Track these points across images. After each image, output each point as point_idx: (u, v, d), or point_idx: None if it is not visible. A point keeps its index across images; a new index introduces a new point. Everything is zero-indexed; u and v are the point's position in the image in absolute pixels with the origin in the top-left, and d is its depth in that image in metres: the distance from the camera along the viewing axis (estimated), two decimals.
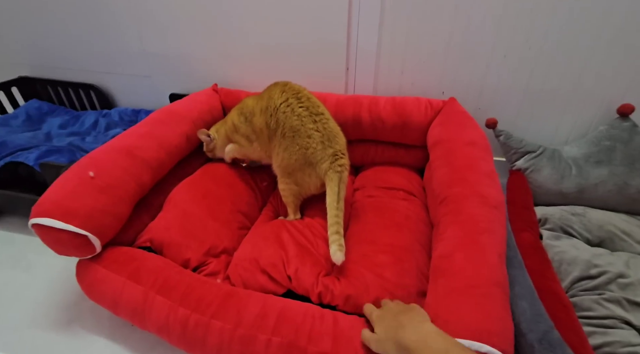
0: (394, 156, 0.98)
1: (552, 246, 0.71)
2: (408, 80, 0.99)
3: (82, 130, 1.12)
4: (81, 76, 1.21)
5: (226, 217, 0.78)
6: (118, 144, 0.74)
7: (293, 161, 0.72)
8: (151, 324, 0.58)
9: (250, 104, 0.80)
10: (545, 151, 0.88)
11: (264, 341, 0.51)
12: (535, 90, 0.91)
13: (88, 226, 0.59)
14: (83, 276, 0.63)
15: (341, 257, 0.61)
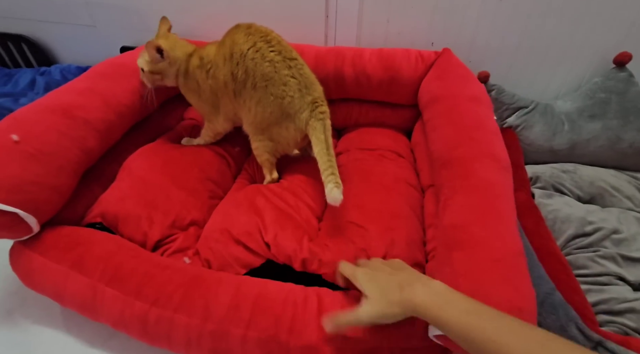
0: (379, 116, 0.90)
1: (544, 205, 0.68)
2: (394, 29, 0.89)
3: (16, 91, 0.95)
4: (8, 26, 1.01)
5: (193, 185, 0.68)
6: (50, 103, 0.61)
7: (268, 114, 0.63)
8: (105, 319, 0.50)
9: (210, 53, 0.66)
10: (538, 106, 0.83)
11: (239, 336, 0.45)
12: (529, 41, 0.85)
13: (16, 201, 0.48)
14: (17, 263, 0.53)
15: (339, 196, 0.54)
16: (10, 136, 0.52)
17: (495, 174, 0.50)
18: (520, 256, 0.42)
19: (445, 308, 0.35)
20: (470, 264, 0.42)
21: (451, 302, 0.36)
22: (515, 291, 0.39)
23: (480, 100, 0.64)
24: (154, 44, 0.64)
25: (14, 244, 0.54)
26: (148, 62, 0.67)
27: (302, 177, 0.72)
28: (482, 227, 0.44)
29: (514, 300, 0.38)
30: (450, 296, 0.37)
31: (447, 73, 0.74)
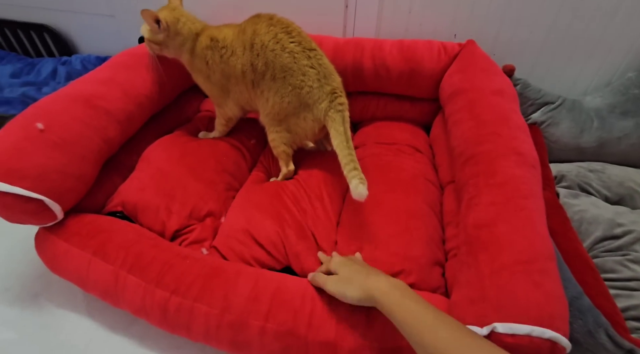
0: (398, 110, 0.88)
1: (570, 205, 0.65)
2: (416, 20, 0.86)
3: (39, 80, 0.97)
4: (31, 15, 1.02)
5: (210, 177, 0.68)
6: (73, 92, 0.62)
7: (286, 104, 0.62)
8: (126, 306, 0.51)
9: (228, 36, 0.64)
10: (565, 102, 0.80)
11: (257, 328, 0.45)
12: (558, 34, 0.80)
13: (42, 188, 0.50)
14: (43, 248, 0.55)
15: (364, 192, 0.53)
16: (36, 125, 0.53)
17: (522, 171, 0.48)
18: (551, 259, 0.40)
19: (396, 296, 0.39)
20: (495, 266, 0.41)
21: (403, 293, 0.39)
22: (544, 295, 0.37)
23: (505, 93, 0.62)
24: (152, 15, 0.62)
25: (39, 230, 0.55)
26: (147, 30, 0.66)
27: (318, 173, 0.70)
28: (509, 228, 0.43)
29: (543, 305, 0.37)
30: (408, 290, 0.40)
31: (471, 65, 0.71)
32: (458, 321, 0.36)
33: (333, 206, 0.64)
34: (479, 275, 0.41)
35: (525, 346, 0.35)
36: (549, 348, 0.35)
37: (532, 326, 0.35)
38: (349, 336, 0.44)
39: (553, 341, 0.35)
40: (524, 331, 0.35)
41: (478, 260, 0.42)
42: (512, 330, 0.36)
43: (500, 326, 0.36)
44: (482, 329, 0.37)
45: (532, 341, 0.35)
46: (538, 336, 0.35)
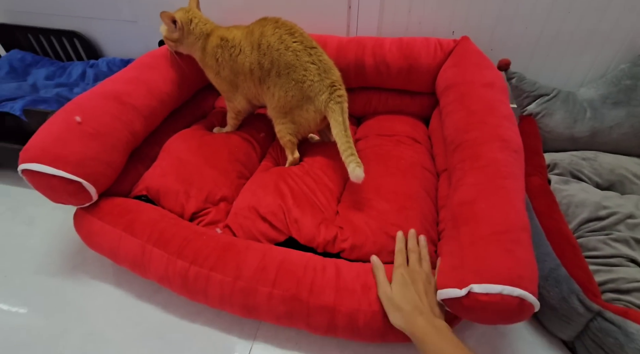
0: (398, 104, 0.93)
1: (560, 190, 0.69)
2: (415, 19, 0.91)
3: (70, 81, 1.06)
4: (63, 22, 1.12)
5: (224, 165, 0.75)
6: (104, 90, 0.70)
7: (290, 98, 0.68)
8: (151, 275, 0.58)
9: (237, 36, 0.71)
10: (560, 93, 0.83)
11: (265, 294, 0.51)
12: (553, 28, 0.84)
13: (81, 173, 0.57)
14: (81, 226, 0.63)
15: (361, 174, 0.59)
16: (75, 118, 0.61)
17: (504, 155, 0.53)
18: (524, 230, 0.45)
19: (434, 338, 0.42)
20: (474, 237, 0.46)
21: (440, 335, 0.43)
22: (515, 260, 0.42)
23: (494, 85, 0.66)
24: (169, 15, 0.70)
25: (77, 210, 0.63)
26: (165, 30, 0.74)
27: (321, 160, 0.77)
28: (487, 204, 0.47)
29: (514, 268, 0.41)
30: (444, 332, 0.43)
31: (464, 60, 0.76)
32: None
33: (334, 187, 0.70)
34: (460, 246, 0.46)
35: (497, 303, 0.40)
36: (517, 304, 0.40)
37: (503, 286, 0.40)
38: (346, 301, 0.50)
39: (522, 299, 0.39)
40: (495, 290, 0.40)
41: (460, 233, 0.47)
42: (486, 290, 0.40)
43: (476, 287, 0.41)
44: (462, 290, 0.42)
45: (503, 298, 0.40)
46: (508, 294, 0.39)
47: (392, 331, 0.49)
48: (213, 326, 0.58)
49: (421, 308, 0.46)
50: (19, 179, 0.87)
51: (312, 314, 0.51)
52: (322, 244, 0.59)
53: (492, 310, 0.41)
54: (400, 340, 0.50)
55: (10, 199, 0.82)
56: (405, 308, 0.46)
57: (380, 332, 0.50)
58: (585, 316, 0.46)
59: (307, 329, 0.53)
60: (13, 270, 0.66)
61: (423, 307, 0.46)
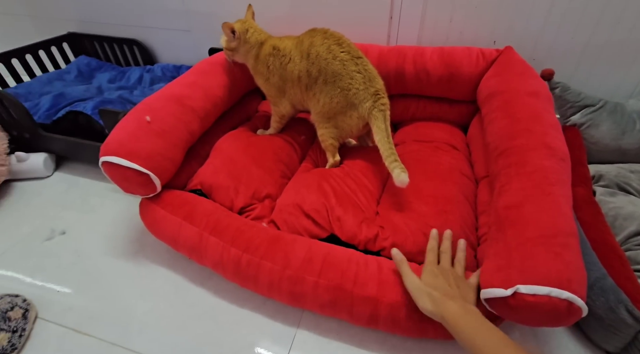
0: (437, 111, 0.95)
1: (606, 202, 0.68)
2: (456, 29, 0.93)
3: (129, 85, 1.17)
4: (125, 32, 1.24)
5: (269, 165, 0.80)
6: (168, 93, 0.77)
7: (335, 104, 0.72)
8: (207, 261, 0.63)
9: (288, 46, 0.77)
10: (607, 104, 0.81)
11: (311, 282, 0.55)
12: (601, 39, 0.83)
13: (149, 166, 0.64)
14: (145, 214, 0.70)
15: (406, 179, 0.62)
16: (145, 117, 0.68)
17: (551, 162, 0.54)
18: (573, 236, 0.45)
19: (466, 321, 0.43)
20: (521, 239, 0.46)
21: (473, 319, 0.43)
22: (564, 264, 0.43)
23: (540, 95, 0.67)
24: (229, 26, 0.77)
25: (142, 200, 0.70)
26: (225, 40, 0.81)
27: (361, 163, 0.80)
28: (535, 208, 0.48)
29: (563, 271, 0.42)
30: (475, 316, 0.44)
31: (507, 70, 0.76)
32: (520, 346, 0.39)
33: (374, 189, 0.74)
34: (506, 247, 0.47)
35: (544, 305, 0.41)
36: (565, 307, 0.40)
37: (551, 288, 0.41)
38: (389, 293, 0.53)
39: (570, 302, 0.40)
40: (543, 292, 0.41)
41: (506, 235, 0.48)
42: (533, 291, 0.41)
43: (523, 287, 0.42)
44: (507, 290, 0.43)
45: (550, 300, 0.40)
46: (556, 296, 0.40)
47: (432, 326, 0.51)
48: (259, 313, 0.62)
49: (452, 293, 0.47)
50: (87, 171, 0.98)
51: (355, 304, 0.54)
52: (363, 241, 0.62)
53: (538, 311, 0.42)
54: (440, 336, 0.52)
55: (80, 189, 0.92)
56: (435, 294, 0.47)
57: (420, 326, 0.52)
58: (634, 327, 0.46)
59: (350, 319, 0.56)
60: (85, 252, 0.74)
61: (454, 293, 0.47)
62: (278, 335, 0.59)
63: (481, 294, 0.48)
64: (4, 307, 0.60)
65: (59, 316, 0.62)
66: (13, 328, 0.58)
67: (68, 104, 0.97)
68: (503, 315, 0.48)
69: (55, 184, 0.94)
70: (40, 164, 0.93)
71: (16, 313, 0.60)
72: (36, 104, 0.98)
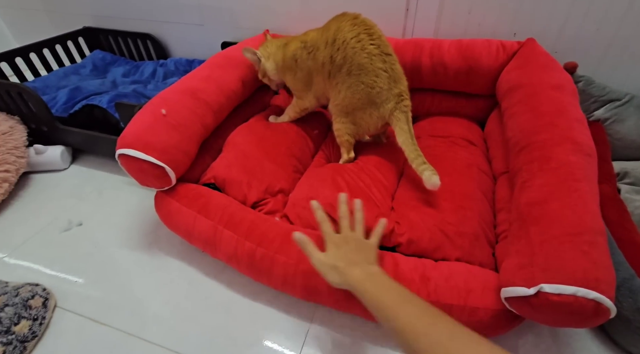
0: (453, 106, 0.92)
1: (632, 200, 0.65)
2: (475, 21, 0.90)
3: (143, 79, 1.18)
4: (139, 26, 1.25)
5: (281, 160, 0.80)
6: (183, 86, 0.77)
7: (355, 100, 0.71)
8: (221, 254, 0.63)
9: (314, 37, 0.75)
10: (633, 99, 0.78)
11: None
12: (628, 29, 0.79)
13: (165, 159, 0.64)
14: (160, 206, 0.70)
15: (437, 181, 0.60)
16: (161, 110, 0.68)
17: (577, 158, 0.51)
18: (601, 234, 0.43)
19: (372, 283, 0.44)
20: (546, 237, 0.45)
21: (377, 279, 0.44)
22: (591, 263, 0.41)
23: (565, 88, 0.64)
24: (248, 49, 0.80)
25: (157, 193, 0.70)
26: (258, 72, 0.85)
27: (376, 158, 0.79)
28: (560, 205, 0.46)
29: (590, 270, 0.40)
30: (380, 276, 0.45)
31: (529, 62, 0.74)
32: (425, 302, 0.40)
33: (389, 184, 0.72)
34: (529, 245, 0.46)
35: (571, 305, 0.39)
36: (592, 307, 0.39)
37: (578, 287, 0.39)
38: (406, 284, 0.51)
39: (597, 302, 0.39)
40: (569, 292, 0.39)
41: (529, 232, 0.47)
42: (558, 290, 0.40)
43: (547, 287, 0.40)
44: (530, 289, 0.42)
45: (576, 300, 0.39)
46: (583, 296, 0.39)
47: None
48: (273, 307, 0.62)
49: (355, 259, 0.48)
50: (102, 164, 0.99)
51: None
52: None
53: (563, 312, 0.40)
54: None
55: (95, 182, 0.93)
56: (340, 264, 0.47)
57: None
58: None
59: (364, 315, 0.55)
60: (101, 243, 0.76)
61: (358, 259, 0.48)
62: (291, 330, 0.59)
63: (502, 293, 0.46)
64: (25, 295, 0.61)
65: (77, 306, 0.63)
66: (34, 316, 0.59)
67: (84, 98, 0.98)
68: (525, 314, 0.46)
69: (71, 176, 0.96)
70: (58, 157, 0.95)
71: (37, 301, 0.61)
72: (53, 97, 1.00)
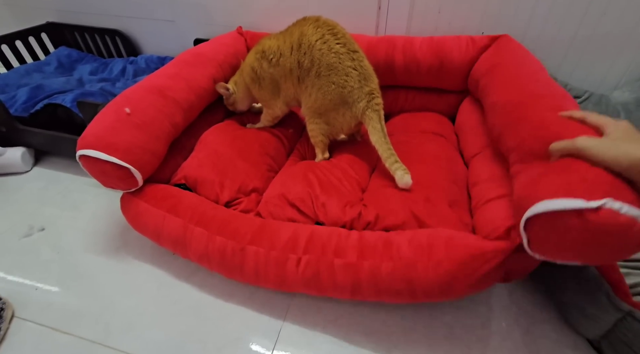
0: (425, 102, 0.94)
1: None
2: (445, 19, 0.92)
3: (112, 76, 1.13)
4: (106, 22, 1.20)
5: (255, 159, 0.79)
6: (149, 84, 0.75)
7: (327, 101, 0.71)
8: (192, 253, 0.62)
9: (273, 45, 0.74)
10: (592, 96, 0.82)
11: (295, 260, 0.55)
12: (587, 30, 0.83)
13: (129, 159, 0.62)
14: (127, 208, 0.68)
15: (409, 180, 0.60)
16: (124, 109, 0.66)
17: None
18: None
19: None
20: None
21: None
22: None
23: (544, 72, 0.65)
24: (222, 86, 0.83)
25: (124, 194, 0.68)
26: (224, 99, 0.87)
27: (349, 156, 0.79)
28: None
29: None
30: None
31: (507, 51, 0.75)
32: None
33: (361, 179, 0.73)
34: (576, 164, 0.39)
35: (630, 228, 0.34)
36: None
37: None
38: (371, 257, 0.53)
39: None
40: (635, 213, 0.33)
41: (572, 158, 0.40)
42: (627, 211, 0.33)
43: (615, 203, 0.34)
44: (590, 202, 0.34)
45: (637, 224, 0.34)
46: None
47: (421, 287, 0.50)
48: (245, 307, 0.62)
49: None
50: (67, 166, 0.95)
51: (337, 273, 0.54)
52: (348, 223, 0.61)
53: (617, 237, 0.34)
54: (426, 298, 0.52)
55: (60, 185, 0.89)
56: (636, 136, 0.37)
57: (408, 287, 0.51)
58: (614, 315, 0.46)
59: (334, 293, 0.56)
60: (65, 248, 0.72)
61: None
62: (264, 329, 0.59)
63: (534, 209, 0.37)
64: None
65: (37, 315, 0.60)
66: None
67: (46, 97, 0.93)
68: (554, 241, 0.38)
69: (34, 179, 0.91)
70: (18, 159, 0.90)
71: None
72: (13, 96, 0.95)
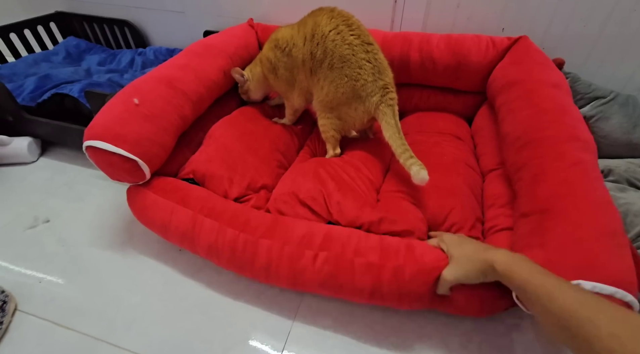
0: (441, 102, 0.91)
1: (616, 198, 0.65)
2: (464, 14, 0.89)
3: (120, 68, 1.12)
4: (116, 12, 1.18)
5: (265, 154, 0.77)
6: (158, 75, 0.72)
7: (340, 95, 0.68)
8: (200, 247, 0.60)
9: (286, 34, 0.73)
10: (618, 96, 0.78)
11: (311, 256, 0.52)
12: (615, 28, 0.79)
13: (137, 151, 0.60)
14: (134, 200, 0.66)
15: (426, 176, 0.58)
16: (133, 99, 0.64)
17: (588, 157, 0.51)
18: (625, 236, 0.43)
19: (520, 266, 0.39)
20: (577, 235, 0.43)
21: (525, 263, 0.40)
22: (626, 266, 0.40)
23: (562, 87, 0.63)
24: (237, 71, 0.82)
25: (130, 186, 0.66)
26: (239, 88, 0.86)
27: (361, 153, 0.76)
28: (586, 204, 0.45)
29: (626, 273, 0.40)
30: (526, 261, 0.40)
31: (525, 59, 0.72)
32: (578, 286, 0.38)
33: (374, 179, 0.70)
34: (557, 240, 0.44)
35: None
36: None
37: (617, 288, 0.38)
38: (393, 259, 0.50)
39: (630, 305, 0.38)
40: (608, 291, 0.38)
41: (555, 228, 0.44)
42: (597, 289, 0.38)
43: (586, 283, 0.38)
44: None
45: (613, 301, 0.38)
46: (620, 298, 0.38)
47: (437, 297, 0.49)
48: (254, 305, 0.59)
49: (485, 246, 0.47)
50: (74, 157, 0.93)
51: (356, 273, 0.51)
52: (366, 224, 0.59)
53: None
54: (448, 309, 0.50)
55: (66, 175, 0.88)
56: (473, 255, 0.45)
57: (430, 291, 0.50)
58: None
59: (351, 295, 0.53)
60: (70, 241, 0.71)
61: (486, 245, 0.47)
62: (273, 329, 0.57)
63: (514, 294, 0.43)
64: None
65: (40, 309, 0.59)
66: None
67: (54, 86, 0.92)
68: None
69: (40, 170, 0.90)
70: (24, 149, 0.89)
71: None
72: (20, 85, 0.93)
